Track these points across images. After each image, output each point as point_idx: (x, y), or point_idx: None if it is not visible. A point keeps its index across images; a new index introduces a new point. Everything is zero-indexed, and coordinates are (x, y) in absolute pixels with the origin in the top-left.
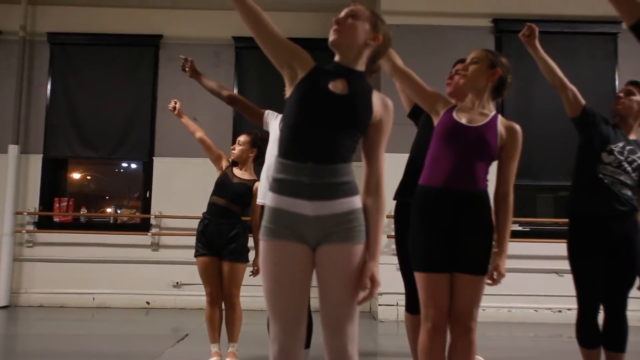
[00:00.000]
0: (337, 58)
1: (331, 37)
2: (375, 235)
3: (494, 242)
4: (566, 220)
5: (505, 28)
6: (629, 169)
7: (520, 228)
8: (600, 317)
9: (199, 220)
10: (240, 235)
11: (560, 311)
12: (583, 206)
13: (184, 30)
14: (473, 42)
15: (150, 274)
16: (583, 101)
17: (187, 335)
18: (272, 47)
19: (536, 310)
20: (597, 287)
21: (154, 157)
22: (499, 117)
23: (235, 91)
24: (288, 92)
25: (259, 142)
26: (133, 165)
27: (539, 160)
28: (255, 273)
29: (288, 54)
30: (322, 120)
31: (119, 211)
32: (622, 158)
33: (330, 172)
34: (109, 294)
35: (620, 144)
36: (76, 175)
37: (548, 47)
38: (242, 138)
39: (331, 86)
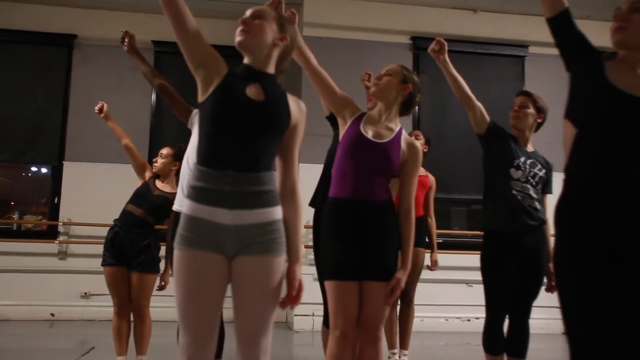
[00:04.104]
0: (247, 60)
1: (238, 37)
2: (295, 238)
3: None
4: (477, 232)
5: (423, 46)
6: (533, 182)
7: None
8: (505, 325)
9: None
10: (151, 246)
11: (469, 320)
12: (497, 223)
13: (100, 31)
14: (392, 57)
15: (56, 284)
16: (488, 118)
17: (93, 348)
18: (190, 45)
19: (447, 320)
20: (506, 298)
21: (64, 162)
22: (403, 132)
23: (153, 97)
24: (201, 96)
25: (182, 155)
26: (43, 170)
27: (452, 175)
28: (161, 288)
29: (205, 56)
30: (242, 128)
31: (24, 217)
32: (526, 172)
33: (252, 181)
34: (9, 306)
35: (522, 159)
36: None
37: (460, 66)
38: (164, 151)
39: (248, 92)
